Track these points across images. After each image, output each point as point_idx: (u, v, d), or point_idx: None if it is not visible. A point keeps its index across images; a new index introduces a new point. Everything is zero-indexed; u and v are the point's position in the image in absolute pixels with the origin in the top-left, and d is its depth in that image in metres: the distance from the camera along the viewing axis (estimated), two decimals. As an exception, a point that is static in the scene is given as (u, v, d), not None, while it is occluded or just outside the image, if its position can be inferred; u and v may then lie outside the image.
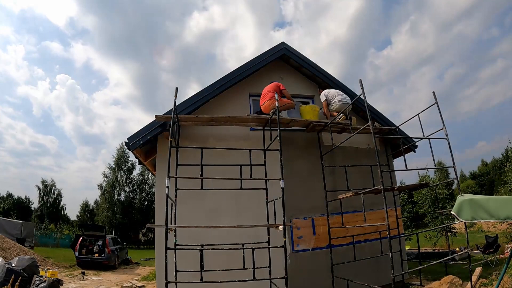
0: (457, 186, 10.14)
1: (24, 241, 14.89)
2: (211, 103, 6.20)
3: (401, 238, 6.58)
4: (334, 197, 5.98)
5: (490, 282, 5.62)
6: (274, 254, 4.45)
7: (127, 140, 5.60)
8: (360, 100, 5.65)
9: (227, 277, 3.98)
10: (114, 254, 13.54)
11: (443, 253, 10.03)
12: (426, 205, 15.45)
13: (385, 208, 4.53)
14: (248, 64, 6.51)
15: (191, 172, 4.59)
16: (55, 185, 39.29)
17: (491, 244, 8.80)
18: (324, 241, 5.98)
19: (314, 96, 7.19)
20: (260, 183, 4.74)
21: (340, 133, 6.36)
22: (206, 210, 5.47)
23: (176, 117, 4.76)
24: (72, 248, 13.62)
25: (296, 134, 6.47)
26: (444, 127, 5.44)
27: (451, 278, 5.46)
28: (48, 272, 7.21)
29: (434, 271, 7.22)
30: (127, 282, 9.37)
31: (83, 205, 40.48)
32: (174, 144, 4.62)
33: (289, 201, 4.97)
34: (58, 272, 8.27)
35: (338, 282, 5.68)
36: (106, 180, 36.57)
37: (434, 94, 5.63)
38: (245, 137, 6.07)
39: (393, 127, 6.72)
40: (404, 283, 6.27)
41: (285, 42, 6.93)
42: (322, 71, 7.03)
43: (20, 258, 7.71)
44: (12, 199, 37.07)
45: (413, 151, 7.26)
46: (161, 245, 4.19)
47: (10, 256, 9.67)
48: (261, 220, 4.79)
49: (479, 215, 3.13)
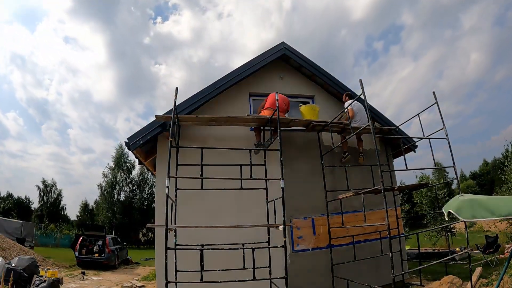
0: (457, 186, 10.13)
1: (24, 241, 14.87)
2: (211, 103, 6.20)
3: (401, 238, 6.58)
4: (334, 197, 5.98)
5: (490, 282, 5.62)
6: (274, 254, 4.45)
7: (127, 140, 5.60)
8: (360, 100, 5.66)
9: (227, 277, 3.98)
10: (114, 254, 13.54)
11: (443, 253, 10.03)
12: (426, 205, 15.46)
13: (385, 208, 4.53)
14: (248, 64, 6.52)
15: (191, 172, 4.59)
16: (55, 185, 39.33)
17: (491, 244, 8.80)
18: (324, 241, 5.98)
19: (314, 96, 7.20)
20: (260, 183, 4.74)
21: (340, 133, 6.36)
22: (206, 210, 5.47)
23: (176, 117, 4.76)
24: (72, 248, 13.62)
25: (296, 134, 6.47)
26: (444, 127, 5.45)
27: (451, 278, 5.46)
28: (48, 272, 7.21)
29: (434, 271, 7.22)
30: (127, 282, 9.37)
31: (83, 205, 40.50)
32: (174, 144, 4.62)
33: (289, 201, 4.97)
34: (58, 272, 8.26)
35: (338, 282, 5.68)
36: (106, 180, 36.55)
37: (434, 94, 5.64)
38: (245, 137, 6.07)
39: (393, 127, 6.72)
40: (404, 283, 6.27)
41: (285, 42, 6.93)
42: (322, 71, 7.03)
43: (20, 258, 7.71)
44: (12, 199, 37.03)
45: (413, 151, 7.26)
46: (161, 245, 4.19)
47: (10, 256, 9.67)
48: (261, 220, 4.79)
49: (480, 214, 3.11)
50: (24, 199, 38.24)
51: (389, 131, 6.56)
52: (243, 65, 6.49)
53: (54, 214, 36.58)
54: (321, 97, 7.21)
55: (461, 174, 38.61)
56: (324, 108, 6.76)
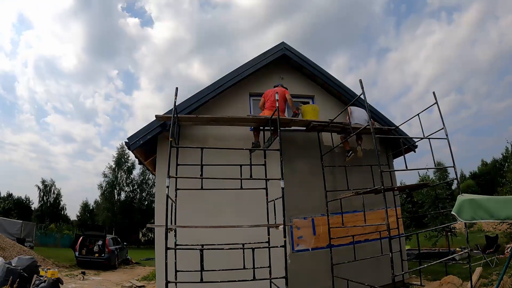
0: (457, 186, 10.12)
1: (24, 241, 14.87)
2: (211, 103, 6.20)
3: (401, 238, 6.58)
4: (334, 197, 5.98)
5: (490, 282, 5.63)
6: (274, 254, 4.45)
7: (127, 140, 5.61)
8: (360, 100, 5.67)
9: (227, 277, 3.98)
10: (114, 254, 13.55)
11: (443, 253, 10.03)
12: (426, 205, 15.45)
13: (385, 208, 4.53)
14: (248, 64, 6.52)
15: (191, 172, 4.59)
16: (55, 185, 39.33)
17: (491, 244, 8.83)
18: (324, 241, 5.98)
19: (314, 96, 7.20)
20: (260, 183, 4.74)
21: (340, 133, 6.36)
22: (206, 210, 5.47)
23: (176, 117, 4.76)
24: (72, 248, 13.64)
25: (296, 134, 6.47)
26: (444, 127, 5.45)
27: (451, 278, 5.47)
28: (48, 272, 7.21)
29: (434, 271, 7.22)
30: (127, 282, 9.38)
31: (83, 205, 40.53)
32: (174, 144, 4.62)
33: (289, 201, 4.97)
34: (58, 272, 8.26)
35: (338, 282, 5.68)
36: (106, 180, 36.59)
37: (434, 94, 5.64)
38: (245, 137, 6.06)
39: (393, 127, 6.72)
40: (404, 283, 6.27)
41: (285, 42, 6.93)
42: (322, 71, 7.03)
43: (20, 258, 7.72)
44: (12, 199, 37.04)
45: (413, 151, 7.26)
46: (161, 245, 4.19)
47: (10, 256, 9.68)
48: (261, 220, 4.79)
49: (479, 215, 3.13)
50: (24, 199, 38.23)
51: (389, 131, 6.56)
52: (243, 65, 6.49)
53: (54, 214, 36.59)
54: (321, 97, 7.21)
55: (461, 174, 38.53)
56: (324, 108, 6.75)
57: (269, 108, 5.66)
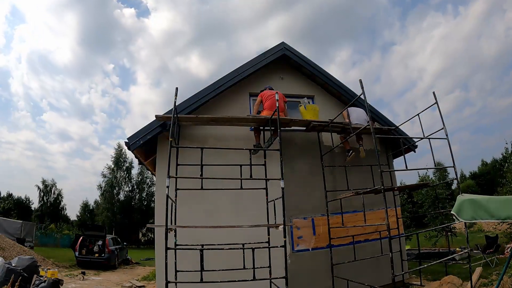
0: (457, 186, 10.12)
1: (24, 241, 14.86)
2: (211, 103, 6.20)
3: (401, 238, 6.58)
4: (334, 197, 5.98)
5: (490, 282, 5.63)
6: (274, 254, 4.45)
7: (127, 140, 5.61)
8: (360, 100, 5.67)
9: (227, 277, 3.98)
10: (114, 254, 13.54)
11: (443, 253, 10.03)
12: (426, 205, 15.46)
13: (385, 208, 4.53)
14: (248, 64, 6.52)
15: (191, 172, 4.59)
16: (55, 185, 39.34)
17: (491, 244, 8.83)
18: (324, 241, 5.98)
19: (314, 96, 7.20)
20: (260, 183, 4.74)
21: (340, 133, 6.36)
22: (206, 210, 5.47)
23: (176, 117, 4.76)
24: (72, 248, 13.63)
25: (296, 134, 6.47)
26: (444, 127, 5.45)
27: (451, 278, 5.47)
28: (48, 272, 7.21)
29: (434, 271, 7.22)
30: (127, 282, 9.37)
31: (83, 205, 40.54)
32: (174, 144, 4.62)
33: (289, 201, 4.97)
34: (58, 272, 8.26)
35: (338, 282, 5.68)
36: (105, 180, 36.59)
37: (434, 94, 5.64)
38: (245, 137, 6.06)
39: (393, 127, 6.72)
40: (404, 283, 6.27)
41: (285, 42, 6.93)
42: (322, 71, 7.03)
43: (20, 258, 7.72)
44: (12, 199, 37.03)
45: (413, 151, 7.26)
46: (161, 245, 4.19)
47: (10, 256, 9.67)
48: (261, 220, 4.79)
49: (479, 215, 3.14)
50: (24, 199, 38.24)
51: (389, 131, 6.56)
52: (243, 65, 6.50)
53: (54, 214, 36.60)
54: (321, 97, 7.21)
55: (461, 174, 38.55)
56: (324, 108, 6.75)
57: (268, 108, 5.66)
